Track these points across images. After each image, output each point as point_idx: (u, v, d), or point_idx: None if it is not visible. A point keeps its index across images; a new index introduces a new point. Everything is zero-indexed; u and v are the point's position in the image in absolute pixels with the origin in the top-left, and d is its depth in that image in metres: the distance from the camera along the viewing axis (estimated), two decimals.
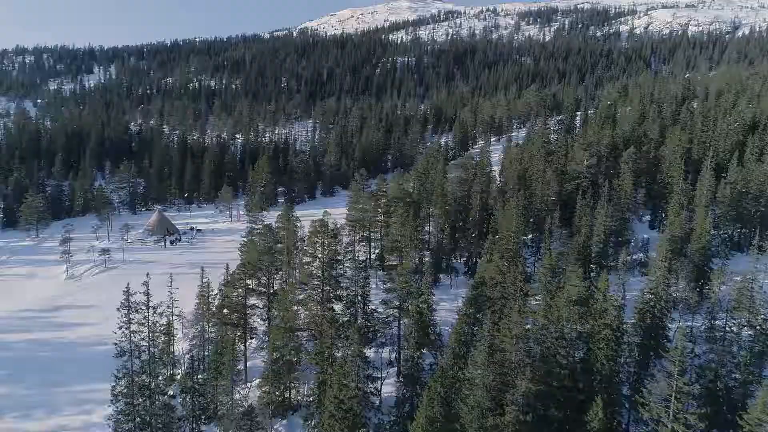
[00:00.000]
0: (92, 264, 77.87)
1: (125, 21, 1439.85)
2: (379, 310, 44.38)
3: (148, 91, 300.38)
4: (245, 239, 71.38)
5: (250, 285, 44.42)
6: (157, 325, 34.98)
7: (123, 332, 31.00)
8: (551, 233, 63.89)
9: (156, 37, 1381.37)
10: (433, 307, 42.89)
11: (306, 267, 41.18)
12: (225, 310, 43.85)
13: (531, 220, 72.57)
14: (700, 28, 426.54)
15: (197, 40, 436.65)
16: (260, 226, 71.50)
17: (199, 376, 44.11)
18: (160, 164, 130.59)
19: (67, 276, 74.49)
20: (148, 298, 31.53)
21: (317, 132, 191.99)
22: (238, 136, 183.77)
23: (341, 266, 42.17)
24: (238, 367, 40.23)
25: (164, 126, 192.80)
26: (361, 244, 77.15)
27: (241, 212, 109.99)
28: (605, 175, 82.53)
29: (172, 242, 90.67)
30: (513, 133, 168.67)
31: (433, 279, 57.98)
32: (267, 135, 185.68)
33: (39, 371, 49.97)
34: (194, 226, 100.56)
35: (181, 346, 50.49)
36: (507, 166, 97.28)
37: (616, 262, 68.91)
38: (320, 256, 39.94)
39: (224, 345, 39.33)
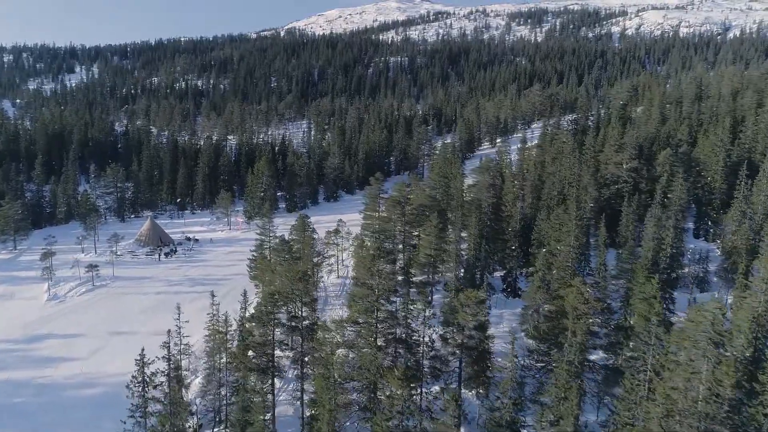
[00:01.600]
0: (78, 282, 68.45)
1: (107, 20, 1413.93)
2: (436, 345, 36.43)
3: (133, 91, 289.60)
4: (254, 254, 63.09)
5: (279, 319, 36.08)
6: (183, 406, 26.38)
7: (136, 418, 22.48)
8: (606, 246, 56.53)
9: (139, 36, 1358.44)
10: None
11: (358, 301, 32.80)
12: (250, 352, 35.45)
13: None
14: (691, 30, 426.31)
15: (182, 39, 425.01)
16: (270, 237, 63.10)
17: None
18: (150, 167, 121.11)
19: (49, 296, 64.97)
20: (169, 365, 22.99)
21: (312, 133, 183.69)
22: (230, 137, 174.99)
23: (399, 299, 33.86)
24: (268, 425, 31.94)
25: (151, 127, 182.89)
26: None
27: (240, 219, 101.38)
28: (646, 178, 75.47)
29: (166, 254, 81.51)
30: (519, 134, 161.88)
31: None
32: (261, 136, 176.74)
33: (15, 421, 41.05)
34: (190, 235, 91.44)
35: (188, 389, 41.93)
36: (530, 169, 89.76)
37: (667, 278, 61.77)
38: (376, 286, 31.76)
39: (250, 398, 31.10)
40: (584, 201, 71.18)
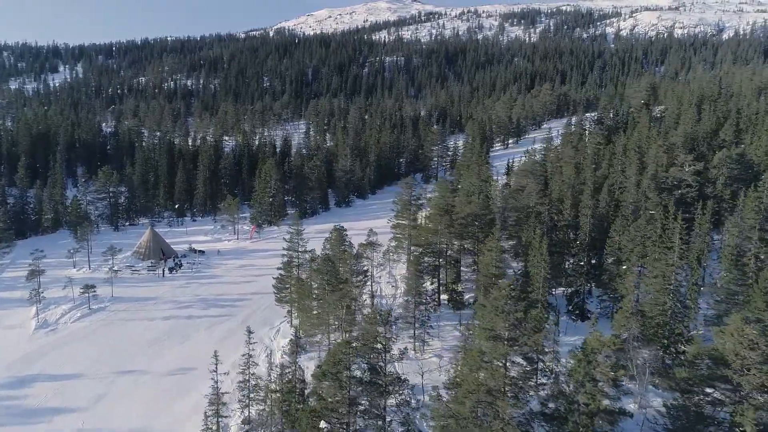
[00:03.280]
0: (71, 304, 58.54)
1: (90, 19, 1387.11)
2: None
3: (119, 91, 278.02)
4: (282, 272, 54.13)
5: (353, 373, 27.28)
6: None
7: None
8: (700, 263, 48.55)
9: (124, 35, 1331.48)
10: None
11: (489, 359, 23.91)
12: (323, 424, 26.55)
13: None
14: (686, 31, 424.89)
15: (169, 39, 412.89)
16: (299, 251, 54.17)
17: None
18: (144, 170, 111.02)
19: (38, 324, 55.07)
20: None
21: (312, 134, 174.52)
22: (226, 138, 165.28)
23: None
24: None
25: (142, 128, 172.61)
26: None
27: (251, 227, 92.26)
28: (713, 182, 67.68)
29: (171, 269, 71.79)
30: (531, 135, 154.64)
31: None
32: (258, 137, 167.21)
33: None
34: (195, 246, 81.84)
35: None
36: (569, 173, 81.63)
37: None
38: (508, 337, 23.21)
39: None
40: (643, 207, 63.56)
